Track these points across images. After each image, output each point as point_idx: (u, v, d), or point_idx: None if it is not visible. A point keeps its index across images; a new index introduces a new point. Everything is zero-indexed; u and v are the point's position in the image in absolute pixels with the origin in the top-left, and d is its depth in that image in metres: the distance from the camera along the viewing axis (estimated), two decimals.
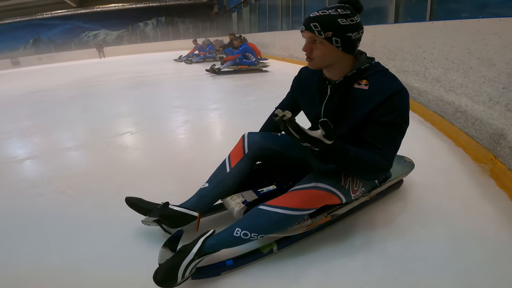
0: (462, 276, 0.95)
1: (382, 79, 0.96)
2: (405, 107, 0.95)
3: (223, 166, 1.20)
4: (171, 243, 0.94)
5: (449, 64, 2.19)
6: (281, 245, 1.08)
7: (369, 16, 4.20)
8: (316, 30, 0.91)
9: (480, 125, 1.75)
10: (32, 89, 6.26)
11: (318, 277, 0.98)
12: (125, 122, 3.08)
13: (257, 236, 0.97)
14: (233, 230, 0.97)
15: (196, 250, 0.92)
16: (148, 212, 1.12)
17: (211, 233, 0.98)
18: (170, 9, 23.78)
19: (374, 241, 1.12)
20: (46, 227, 1.33)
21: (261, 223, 0.96)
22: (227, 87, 4.69)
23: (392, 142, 0.94)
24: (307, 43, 0.97)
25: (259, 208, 0.99)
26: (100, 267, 1.07)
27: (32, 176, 1.93)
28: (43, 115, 3.70)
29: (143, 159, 2.09)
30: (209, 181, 1.20)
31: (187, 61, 9.05)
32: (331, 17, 0.91)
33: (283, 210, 0.95)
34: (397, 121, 0.92)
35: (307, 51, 0.97)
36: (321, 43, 0.94)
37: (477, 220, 1.21)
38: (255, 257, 1.05)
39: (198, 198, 1.17)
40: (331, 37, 0.92)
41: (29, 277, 1.05)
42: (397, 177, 1.32)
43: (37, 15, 21.58)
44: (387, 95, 0.91)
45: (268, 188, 1.16)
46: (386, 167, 0.95)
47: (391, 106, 0.91)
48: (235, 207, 1.08)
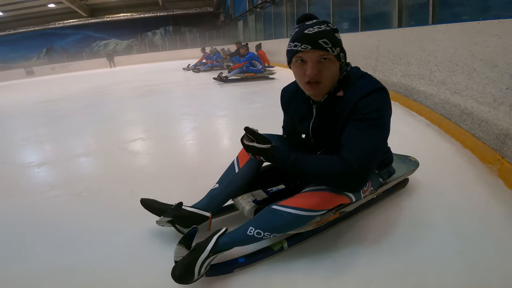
0: (471, 274, 0.95)
1: (358, 83, 0.94)
2: (381, 104, 0.91)
3: (232, 167, 1.23)
4: (186, 241, 0.96)
5: (453, 66, 2.21)
6: (291, 242, 1.11)
7: (373, 22, 4.24)
8: (328, 46, 0.87)
9: (486, 126, 1.76)
10: (46, 98, 6.48)
11: (327, 274, 1.00)
12: (136, 129, 3.18)
13: (270, 235, 0.98)
14: (247, 229, 0.99)
15: (211, 247, 0.94)
16: (162, 212, 1.15)
17: (224, 231, 1.00)
18: (177, 19, 24.34)
19: (381, 239, 1.14)
20: (63, 227, 1.39)
21: (275, 223, 0.98)
22: (234, 95, 4.76)
23: (364, 140, 0.89)
24: (315, 64, 0.89)
25: (273, 208, 1.00)
26: (115, 266, 1.11)
27: (48, 180, 2.01)
28: (58, 123, 3.83)
29: (154, 164, 2.15)
30: (219, 181, 1.23)
31: (195, 69, 9.20)
32: (332, 32, 0.89)
33: (296, 210, 0.96)
34: (371, 116, 0.88)
35: (315, 74, 0.89)
36: (331, 62, 0.89)
37: (486, 219, 1.21)
38: (266, 254, 1.07)
39: (210, 199, 1.20)
40: (339, 54, 0.90)
41: (46, 275, 1.09)
42: (402, 175, 1.34)
43: (50, 25, 22.34)
44: (361, 95, 0.90)
45: (277, 188, 1.20)
46: (345, 168, 0.88)
47: (364, 104, 0.90)
48: (246, 206, 1.12)
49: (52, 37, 23.83)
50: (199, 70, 8.99)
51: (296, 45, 0.89)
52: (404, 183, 1.45)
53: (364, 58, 3.99)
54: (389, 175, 1.26)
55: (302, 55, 0.89)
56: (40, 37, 23.39)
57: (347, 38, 4.81)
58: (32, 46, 23.70)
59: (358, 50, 4.21)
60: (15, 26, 21.74)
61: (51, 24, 22.39)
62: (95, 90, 7.00)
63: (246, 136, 1.05)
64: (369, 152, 0.89)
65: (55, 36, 23.84)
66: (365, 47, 3.95)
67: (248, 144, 1.03)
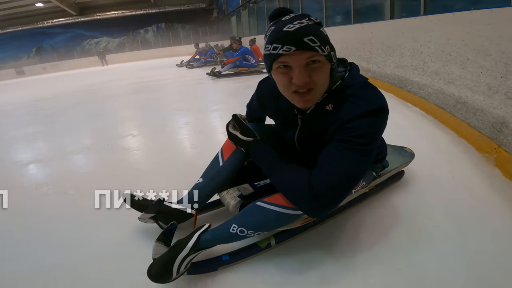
0: (472, 268, 0.91)
1: (353, 98, 0.78)
2: (374, 128, 0.77)
3: (216, 160, 1.16)
4: (165, 237, 0.92)
5: (446, 56, 2.19)
6: (279, 239, 1.06)
7: (365, 14, 4.22)
8: (316, 45, 0.69)
9: (481, 114, 1.75)
10: (37, 97, 6.35)
11: (320, 271, 0.95)
12: (128, 125, 3.12)
13: (254, 233, 0.92)
14: (230, 226, 0.93)
15: (192, 244, 0.89)
16: (144, 208, 1.10)
17: (207, 228, 0.94)
18: (170, 15, 24.02)
19: (377, 233, 1.10)
20: (49, 226, 1.34)
21: (258, 221, 0.91)
22: (228, 89, 4.71)
23: (340, 165, 0.75)
24: (303, 69, 0.70)
25: (257, 205, 0.93)
26: (102, 264, 1.08)
27: (35, 179, 1.95)
28: (48, 122, 3.75)
29: (145, 160, 2.11)
30: (203, 175, 1.16)
31: (188, 65, 9.11)
32: (316, 27, 0.72)
33: (282, 208, 0.88)
34: (357, 140, 0.74)
35: (305, 82, 0.71)
36: (321, 64, 0.72)
37: (485, 211, 1.18)
38: (253, 251, 1.02)
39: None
40: (330, 53, 0.73)
41: (31, 275, 1.05)
42: (397, 167, 1.31)
43: (39, 24, 21.89)
44: (354, 115, 0.75)
45: (264, 181, 1.13)
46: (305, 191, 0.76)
47: (354, 125, 0.75)
48: (231, 201, 1.06)
49: (42, 36, 23.37)
50: (192, 66, 8.89)
51: (276, 48, 0.70)
52: (399, 176, 1.42)
53: (358, 50, 3.96)
54: (382, 168, 1.21)
55: (285, 59, 0.70)
56: (29, 36, 22.93)
57: (340, 31, 4.84)
58: (22, 46, 23.24)
59: (351, 42, 4.18)
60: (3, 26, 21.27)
61: (40, 23, 21.96)
62: (87, 88, 6.88)
63: (232, 124, 1.02)
64: (342, 180, 0.76)
65: (45, 35, 23.40)
66: (358, 39, 3.92)
67: (231, 132, 1.00)
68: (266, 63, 0.78)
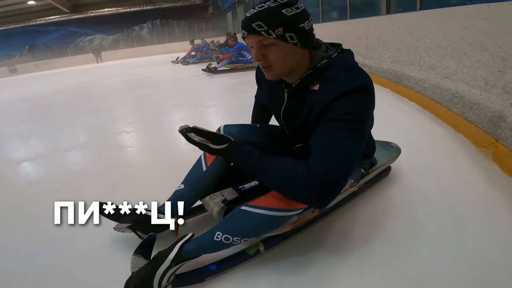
0: (472, 264, 0.90)
1: (339, 77, 0.78)
2: (363, 106, 0.77)
3: (199, 164, 1.09)
4: (144, 250, 0.85)
5: (442, 51, 2.18)
6: (268, 244, 1.00)
7: (361, 9, 4.20)
8: (263, 30, 0.74)
9: (478, 109, 1.74)
10: (30, 95, 6.28)
11: (313, 275, 0.91)
12: (122, 122, 3.07)
13: (240, 240, 0.87)
14: (214, 234, 0.87)
15: (173, 256, 0.83)
16: (120, 218, 1.02)
17: (190, 237, 0.88)
18: (165, 12, 23.79)
19: (374, 229, 1.08)
20: (40, 225, 1.29)
21: (244, 226, 0.86)
22: (223, 85, 4.68)
23: (335, 146, 0.74)
24: (257, 50, 0.78)
25: (241, 209, 0.87)
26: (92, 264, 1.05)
27: (27, 178, 1.91)
28: (41, 119, 3.70)
29: (140, 157, 2.08)
30: (184, 181, 1.09)
31: (183, 62, 9.03)
32: (273, 10, 0.75)
33: (267, 211, 0.83)
34: (348, 118, 0.74)
35: (260, 60, 0.79)
36: (274, 45, 0.77)
37: (483, 205, 1.16)
38: (241, 259, 0.97)
39: (174, 201, 1.06)
40: (283, 34, 0.75)
41: (20, 275, 1.03)
42: (385, 163, 1.27)
43: (31, 22, 21.58)
44: (339, 93, 0.75)
45: (249, 184, 1.07)
46: (310, 186, 0.73)
47: (343, 103, 0.75)
48: (215, 207, 0.99)
49: (34, 34, 23.03)
50: (188, 62, 8.83)
51: (241, 30, 0.81)
52: (387, 172, 1.39)
53: (354, 46, 3.94)
54: (371, 165, 1.18)
55: (246, 41, 0.80)
56: (22, 34, 22.58)
57: (336, 26, 4.81)
58: (14, 44, 22.89)
59: (347, 38, 4.16)
60: None
61: (32, 21, 21.63)
62: (81, 85, 6.79)
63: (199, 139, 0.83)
64: (341, 162, 0.74)
65: (37, 33, 23.06)
66: (355, 35, 3.90)
67: (199, 142, 0.82)
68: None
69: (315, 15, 5.54)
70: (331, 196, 0.78)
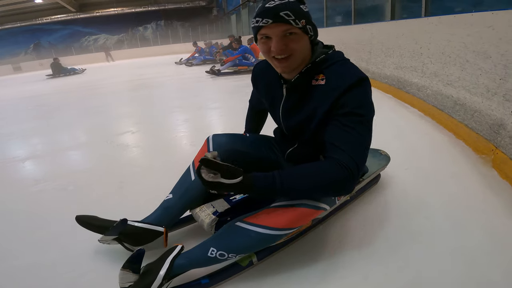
0: (470, 267, 0.92)
1: (339, 70, 0.84)
2: (368, 98, 0.83)
3: (188, 174, 1.08)
4: (132, 264, 0.82)
5: (445, 58, 2.20)
6: (261, 255, 0.98)
7: (366, 15, 4.22)
8: (291, 19, 0.77)
9: (479, 116, 1.76)
10: (34, 93, 6.33)
11: (308, 284, 0.91)
12: (127, 122, 3.11)
13: (235, 256, 0.86)
14: (207, 249, 0.85)
15: (164, 273, 0.81)
16: (104, 230, 0.99)
17: (179, 251, 0.86)
18: (169, 13, 23.94)
19: (376, 233, 1.10)
20: (47, 222, 1.34)
21: (240, 243, 0.84)
22: (227, 87, 4.71)
23: (356, 138, 0.79)
24: (280, 39, 0.80)
25: (237, 225, 0.86)
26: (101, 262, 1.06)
27: (33, 175, 1.95)
28: (45, 117, 3.73)
29: (144, 156, 2.10)
30: (173, 191, 1.06)
31: (187, 63, 9.09)
32: (295, 4, 0.79)
33: (266, 229, 0.83)
34: (358, 112, 0.79)
35: (281, 49, 0.80)
36: (297, 35, 0.80)
37: (482, 210, 1.19)
38: (234, 271, 0.94)
39: (162, 211, 1.04)
40: (305, 26, 0.80)
41: (27, 273, 1.04)
42: (375, 171, 1.28)
43: (37, 20, 21.71)
44: (345, 87, 0.80)
45: (241, 195, 1.05)
46: (346, 174, 0.76)
47: (352, 97, 0.80)
48: (205, 219, 0.97)
49: (40, 32, 23.21)
50: (191, 64, 8.88)
51: (258, 21, 0.80)
52: (376, 180, 1.40)
53: (357, 51, 3.97)
54: (362, 174, 1.19)
55: (265, 31, 0.81)
56: (27, 32, 22.74)
57: (340, 31, 4.84)
58: (19, 42, 23.05)
59: (351, 43, 4.19)
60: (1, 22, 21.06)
61: (38, 20, 21.78)
62: (85, 85, 6.85)
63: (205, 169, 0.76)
64: (361, 151, 0.80)
65: (43, 31, 23.23)
66: (358, 40, 3.93)
67: (210, 181, 0.75)
68: (254, 35, 0.87)
69: (319, 20, 5.57)
70: (355, 184, 0.84)
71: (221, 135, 1.10)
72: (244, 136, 1.14)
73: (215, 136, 1.10)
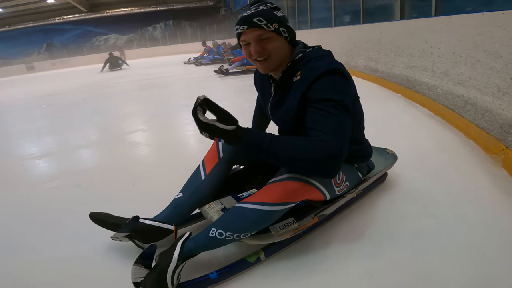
0: (478, 266, 0.91)
1: (312, 65, 0.90)
2: (340, 85, 0.87)
3: (197, 173, 1.10)
4: (145, 260, 0.84)
5: (456, 58, 2.18)
6: (268, 252, 0.99)
7: (375, 14, 4.20)
8: (263, 24, 0.87)
9: (490, 116, 1.75)
10: (47, 92, 6.48)
11: (316, 280, 0.91)
12: (137, 120, 3.18)
13: (233, 236, 0.87)
14: (209, 230, 0.89)
15: (177, 255, 0.83)
16: (117, 227, 1.01)
17: (188, 236, 0.89)
18: (178, 13, 24.17)
19: (382, 230, 1.10)
20: (62, 218, 1.37)
21: (236, 221, 0.88)
22: (235, 87, 4.74)
23: (331, 119, 0.82)
24: (256, 43, 0.89)
25: (235, 206, 0.92)
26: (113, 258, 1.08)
27: (48, 172, 2.01)
28: (58, 116, 3.83)
29: (154, 154, 2.15)
30: (183, 190, 1.09)
31: (196, 63, 9.17)
32: (268, 11, 0.89)
33: (259, 205, 0.86)
34: (332, 97, 0.83)
35: (258, 52, 0.90)
36: (271, 38, 0.90)
37: (491, 210, 1.18)
38: (242, 267, 0.95)
39: (173, 209, 1.07)
40: (278, 28, 0.89)
41: (42, 268, 1.06)
42: (382, 170, 1.28)
43: (49, 20, 22.20)
44: (315, 76, 0.86)
45: (248, 192, 1.08)
46: (332, 153, 0.78)
47: (322, 85, 0.85)
48: (214, 215, 1.00)
49: (52, 32, 23.75)
50: (201, 63, 8.96)
51: (237, 28, 0.92)
52: (383, 178, 1.40)
53: (366, 50, 3.95)
54: (368, 170, 1.19)
55: (244, 37, 0.91)
56: (40, 32, 23.30)
57: (348, 30, 4.82)
58: (32, 42, 23.63)
59: (360, 42, 4.17)
60: (14, 22, 21.62)
61: (50, 20, 22.26)
62: (96, 84, 6.99)
63: (201, 110, 0.78)
64: (341, 130, 0.82)
65: (55, 31, 23.76)
66: (367, 39, 3.91)
67: (205, 122, 0.77)
68: (237, 41, 0.97)
69: (327, 19, 5.56)
70: (340, 166, 0.82)
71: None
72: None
73: None
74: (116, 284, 0.95)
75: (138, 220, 1.01)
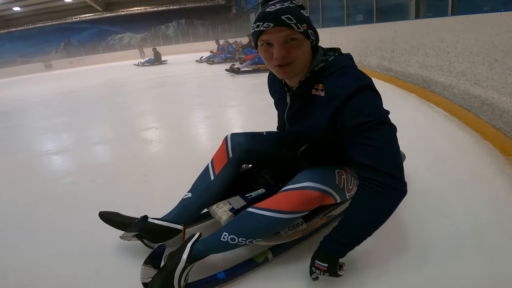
0: (489, 268, 0.91)
1: (339, 82, 0.79)
2: (372, 101, 0.77)
3: (207, 173, 1.09)
4: (154, 260, 0.84)
5: (473, 57, 2.13)
6: (276, 252, 1.00)
7: (388, 13, 4.13)
8: (292, 23, 0.74)
9: (507, 117, 1.70)
10: (65, 90, 6.68)
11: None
12: (150, 118, 3.24)
13: (245, 241, 0.88)
14: (221, 234, 0.89)
15: (186, 256, 0.84)
16: (126, 226, 1.01)
17: (198, 237, 0.89)
18: (190, 12, 24.39)
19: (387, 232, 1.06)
20: (78, 213, 1.41)
21: (249, 227, 0.87)
22: (246, 85, 4.76)
23: (380, 147, 0.75)
24: (281, 45, 0.76)
25: (247, 211, 0.90)
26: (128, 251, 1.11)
27: (65, 167, 2.08)
28: (75, 113, 3.95)
29: (168, 151, 2.19)
30: (191, 190, 1.09)
31: (209, 61, 9.25)
32: (295, 9, 0.77)
33: (273, 213, 0.85)
34: (371, 118, 0.74)
35: (283, 56, 0.77)
36: (299, 41, 0.77)
37: (506, 213, 1.16)
38: (249, 267, 0.96)
39: (181, 209, 1.07)
40: (307, 30, 0.78)
41: (58, 261, 1.10)
42: None
43: (67, 19, 22.78)
44: (344, 96, 0.76)
45: (256, 192, 1.08)
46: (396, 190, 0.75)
47: (354, 107, 0.76)
48: (222, 215, 0.99)
49: (69, 31, 24.36)
50: (213, 62, 9.02)
51: (259, 25, 0.77)
52: None
53: (379, 49, 3.89)
54: None
55: (266, 37, 0.77)
56: (58, 31, 23.93)
57: (361, 29, 4.76)
58: (50, 41, 24.31)
59: (373, 41, 4.11)
60: (33, 21, 22.29)
61: (68, 19, 22.85)
62: (111, 82, 7.15)
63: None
64: (392, 157, 0.76)
65: (72, 30, 24.36)
66: (381, 38, 3.85)
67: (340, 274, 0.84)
68: (254, 41, 0.83)
69: (340, 18, 5.50)
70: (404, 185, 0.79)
71: (239, 135, 1.12)
72: (261, 134, 1.16)
73: (233, 135, 1.12)
74: (124, 284, 0.97)
75: (147, 220, 1.01)
